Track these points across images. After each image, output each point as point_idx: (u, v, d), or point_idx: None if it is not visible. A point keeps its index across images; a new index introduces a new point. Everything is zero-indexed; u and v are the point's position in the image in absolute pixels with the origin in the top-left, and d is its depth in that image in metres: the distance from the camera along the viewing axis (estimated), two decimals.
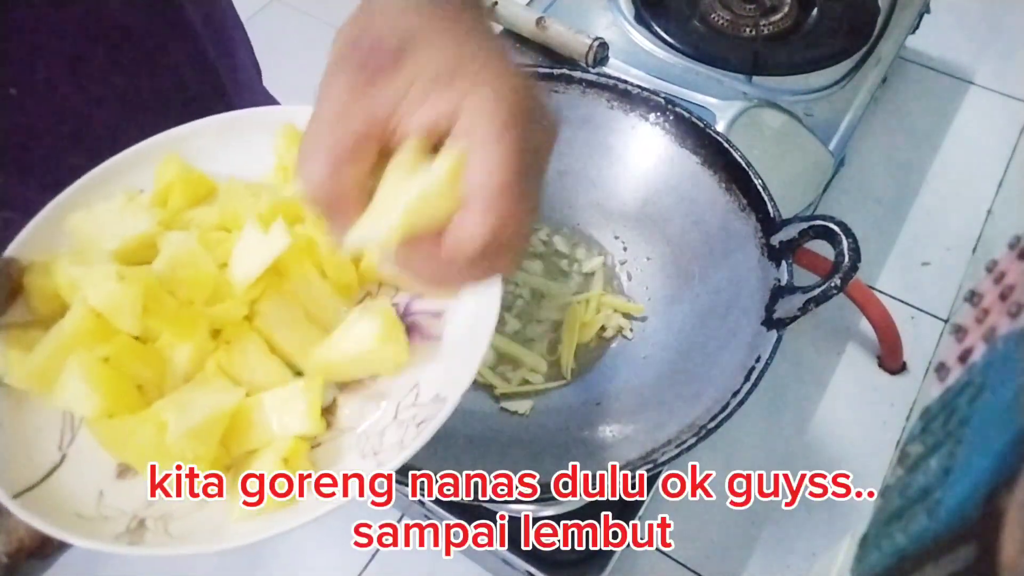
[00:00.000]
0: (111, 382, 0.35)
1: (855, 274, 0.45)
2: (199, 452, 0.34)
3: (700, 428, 0.43)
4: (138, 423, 0.34)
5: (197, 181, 0.42)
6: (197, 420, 0.34)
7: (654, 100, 0.56)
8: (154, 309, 0.36)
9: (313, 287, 0.39)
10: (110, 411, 0.34)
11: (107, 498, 0.35)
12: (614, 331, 0.56)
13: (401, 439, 0.35)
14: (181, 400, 0.35)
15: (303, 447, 0.36)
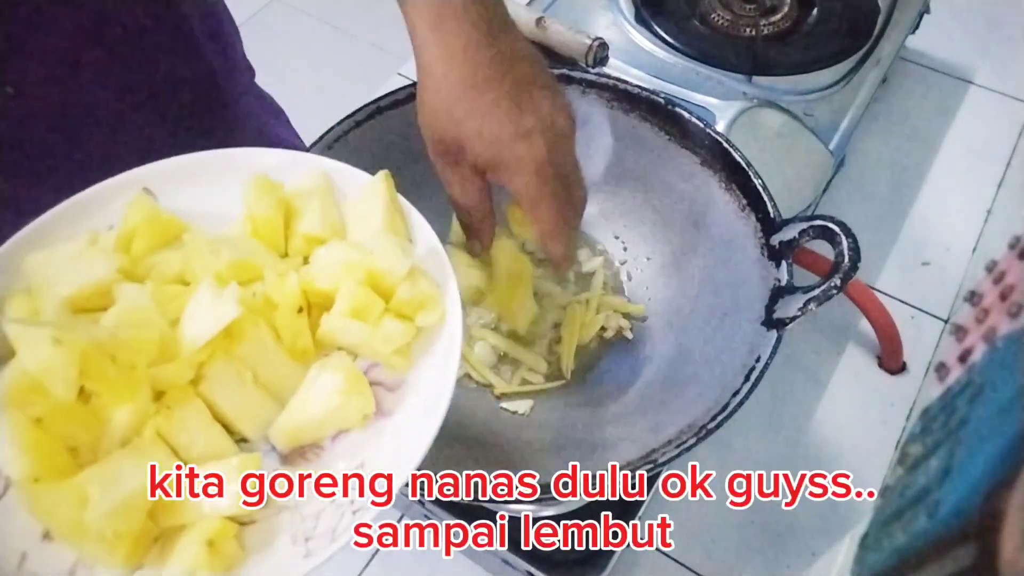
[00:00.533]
0: (40, 445, 0.33)
1: (855, 274, 0.45)
2: (121, 530, 0.32)
3: (700, 428, 0.43)
4: (61, 495, 0.33)
5: (166, 224, 0.41)
6: (122, 495, 0.32)
7: (654, 100, 0.56)
8: (92, 372, 0.34)
9: (267, 351, 0.38)
10: (37, 475, 0.33)
11: (29, 561, 0.33)
12: (614, 331, 0.56)
13: (335, 528, 0.34)
14: (109, 470, 0.33)
15: (230, 529, 0.34)
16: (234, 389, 0.37)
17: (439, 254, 0.40)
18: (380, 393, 0.38)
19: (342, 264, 0.39)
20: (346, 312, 0.37)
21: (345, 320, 0.37)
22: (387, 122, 0.56)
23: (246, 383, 0.37)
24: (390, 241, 0.39)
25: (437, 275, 0.39)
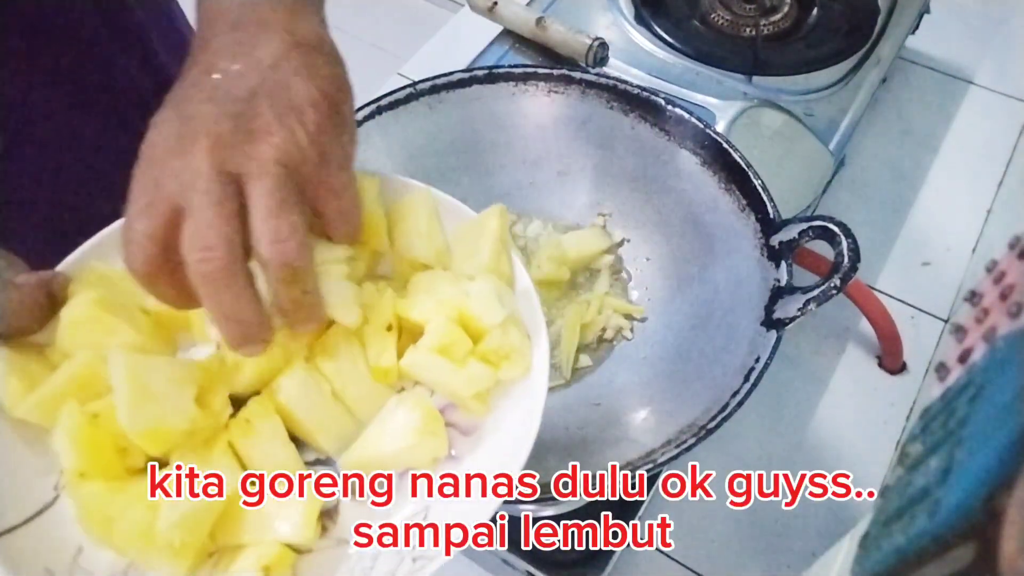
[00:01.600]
0: (92, 441, 0.33)
1: (855, 274, 0.45)
2: (187, 541, 0.32)
3: (700, 428, 0.43)
4: (128, 502, 0.32)
5: None
6: (194, 505, 0.32)
7: (654, 100, 0.56)
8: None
9: (353, 368, 0.37)
10: (83, 470, 0.33)
11: (84, 556, 0.33)
12: (614, 332, 0.56)
13: (393, 572, 0.33)
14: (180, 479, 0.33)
15: (287, 557, 0.34)
16: (314, 402, 0.36)
17: (532, 299, 0.39)
18: (453, 435, 0.37)
19: (437, 298, 0.38)
20: (433, 347, 0.36)
21: (431, 355, 0.36)
22: (387, 122, 0.56)
23: (326, 396, 0.36)
24: (489, 286, 0.37)
25: (529, 322, 0.38)
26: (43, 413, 0.34)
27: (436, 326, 0.37)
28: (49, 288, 0.36)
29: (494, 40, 0.75)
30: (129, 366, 0.32)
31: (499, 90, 0.58)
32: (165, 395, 0.33)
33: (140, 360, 0.33)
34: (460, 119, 0.58)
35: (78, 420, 0.33)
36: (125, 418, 0.32)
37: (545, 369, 0.37)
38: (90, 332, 0.35)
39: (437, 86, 0.57)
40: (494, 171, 0.60)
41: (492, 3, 0.74)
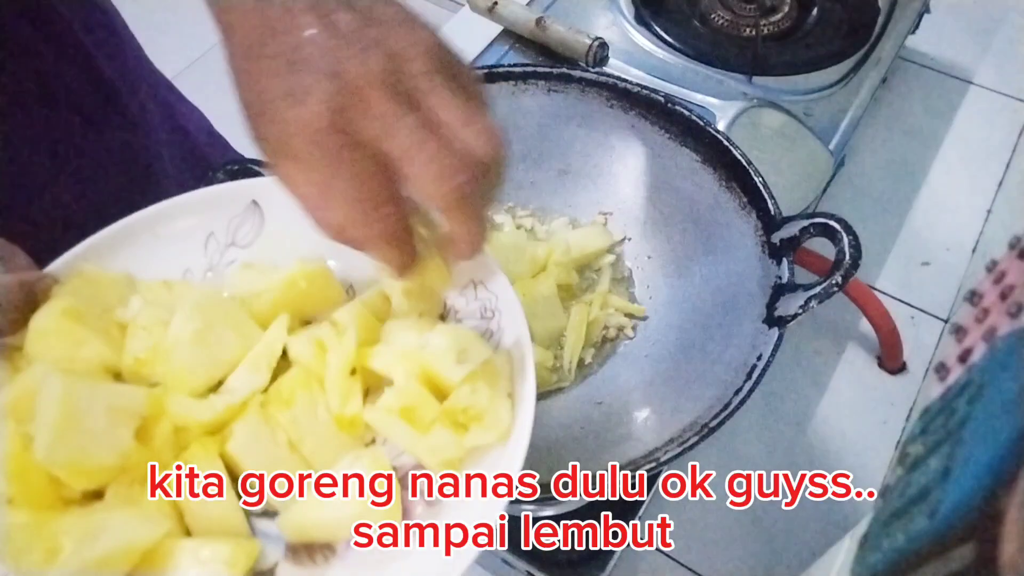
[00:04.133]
0: (22, 466, 0.30)
1: (856, 272, 0.45)
2: None
3: (702, 427, 0.43)
4: (30, 538, 0.30)
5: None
6: (99, 554, 0.29)
7: (654, 99, 0.56)
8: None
9: (316, 418, 0.34)
10: (11, 496, 0.30)
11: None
12: (616, 331, 0.56)
13: None
14: (91, 521, 0.30)
15: None
16: (265, 452, 0.33)
17: (524, 349, 0.35)
18: (414, 504, 0.34)
19: (399, 349, 0.35)
20: (393, 409, 0.33)
21: (391, 417, 0.33)
22: None
23: (279, 446, 0.34)
24: (450, 337, 0.34)
25: (516, 376, 0.34)
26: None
27: (398, 384, 0.34)
28: (30, 289, 0.35)
29: (494, 40, 0.75)
30: (64, 392, 0.30)
31: (499, 89, 0.58)
32: (98, 426, 0.31)
33: (79, 386, 0.31)
34: None
35: (12, 443, 0.30)
36: (42, 448, 0.29)
37: (526, 434, 0.32)
38: (57, 343, 0.34)
39: None
40: None
41: (492, 3, 0.74)
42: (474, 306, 0.38)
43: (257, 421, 0.34)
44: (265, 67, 0.31)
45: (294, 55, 0.30)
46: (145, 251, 0.40)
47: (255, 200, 0.41)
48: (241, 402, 0.34)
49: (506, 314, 0.37)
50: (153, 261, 0.39)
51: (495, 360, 0.34)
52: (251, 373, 0.35)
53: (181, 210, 0.40)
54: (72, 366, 0.34)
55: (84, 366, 0.34)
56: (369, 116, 0.30)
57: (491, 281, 0.38)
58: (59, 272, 0.37)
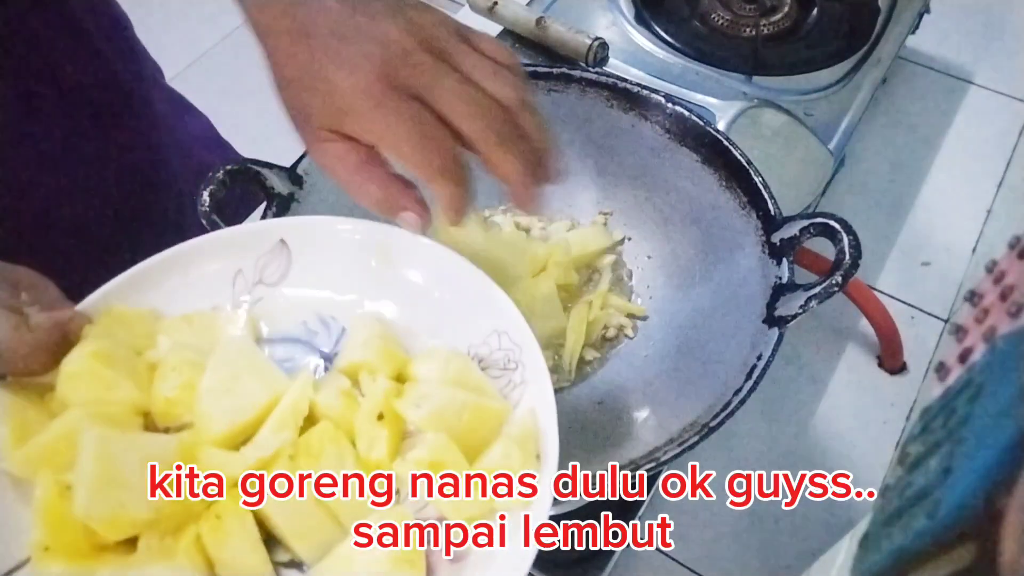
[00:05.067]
0: (59, 515, 0.31)
1: (856, 271, 0.45)
2: None
3: (702, 426, 0.43)
4: None
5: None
6: None
7: (654, 98, 0.56)
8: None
9: (342, 469, 0.34)
10: (48, 544, 0.31)
11: None
12: (616, 330, 0.56)
13: None
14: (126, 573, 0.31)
15: None
16: (293, 504, 0.34)
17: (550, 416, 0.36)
18: (438, 562, 0.34)
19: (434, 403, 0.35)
20: (422, 463, 0.34)
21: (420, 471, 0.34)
22: None
23: (307, 500, 0.34)
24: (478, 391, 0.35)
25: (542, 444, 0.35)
26: (30, 469, 0.33)
27: (430, 440, 0.34)
28: (65, 329, 0.36)
29: None
30: (100, 445, 0.31)
31: None
32: (134, 478, 0.31)
33: (115, 438, 0.32)
34: None
35: (49, 491, 0.31)
36: (83, 503, 0.30)
37: (549, 497, 0.33)
38: (88, 386, 0.34)
39: None
40: None
41: (492, 3, 0.74)
42: (497, 356, 0.39)
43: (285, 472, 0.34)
44: (314, 45, 0.36)
45: (338, 30, 0.36)
46: (173, 289, 0.40)
47: (283, 239, 0.41)
48: (272, 455, 0.34)
49: (530, 367, 0.37)
50: (181, 299, 0.40)
51: (526, 421, 0.36)
52: (279, 429, 0.35)
53: (210, 248, 0.41)
54: (103, 409, 0.34)
55: (115, 409, 0.35)
56: (417, 72, 0.35)
57: (515, 332, 0.38)
58: (89, 309, 0.37)
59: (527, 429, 0.36)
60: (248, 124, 0.87)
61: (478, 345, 0.39)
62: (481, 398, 0.36)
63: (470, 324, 0.40)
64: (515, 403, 0.37)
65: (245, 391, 0.36)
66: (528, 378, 0.38)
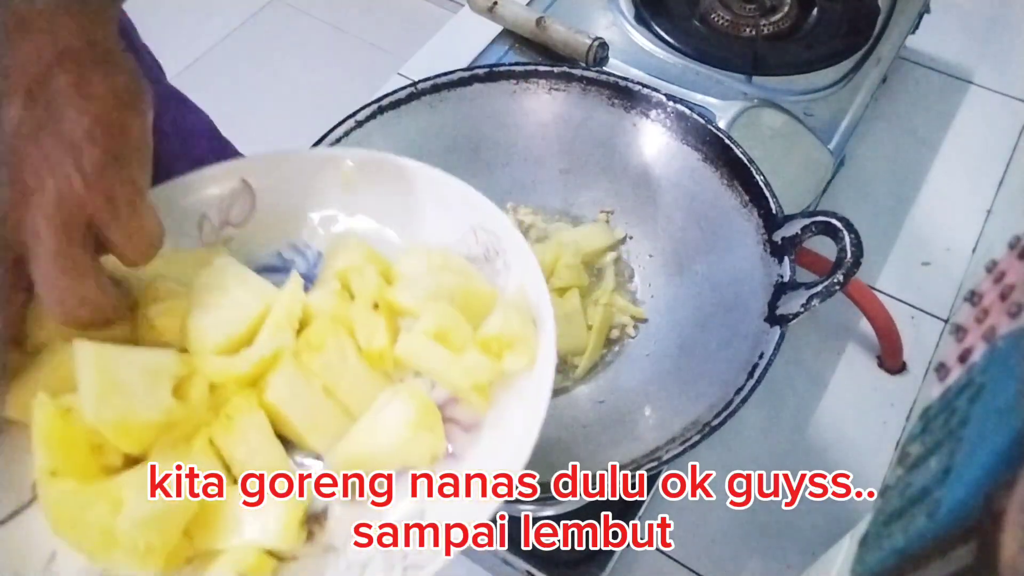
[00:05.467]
0: (63, 437, 0.31)
1: (857, 270, 0.45)
2: (154, 543, 0.30)
3: (704, 425, 0.43)
4: (90, 496, 0.30)
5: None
6: (161, 504, 0.30)
7: (655, 97, 0.56)
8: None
9: (347, 362, 0.35)
10: (55, 468, 0.31)
11: (57, 562, 0.31)
12: (618, 330, 0.56)
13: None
14: (146, 475, 0.31)
15: (267, 565, 0.32)
16: (303, 399, 0.34)
17: (539, 283, 0.36)
18: (453, 431, 0.35)
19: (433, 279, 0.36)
20: (428, 332, 0.34)
21: (426, 341, 0.34)
22: (388, 121, 0.56)
23: (315, 392, 0.34)
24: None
25: (536, 309, 0.35)
26: (20, 408, 0.33)
27: (432, 308, 0.35)
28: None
29: (494, 40, 0.75)
30: (97, 356, 0.31)
31: (500, 88, 0.58)
32: (137, 386, 0.31)
33: (109, 350, 0.32)
34: (461, 118, 0.58)
35: (50, 414, 0.31)
36: (91, 410, 0.30)
37: (551, 360, 0.33)
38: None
39: (438, 85, 0.57)
40: (496, 169, 0.60)
41: (492, 3, 0.74)
42: (477, 251, 0.39)
43: (292, 369, 0.34)
44: None
45: None
46: None
47: (244, 179, 0.41)
48: (273, 353, 0.34)
49: (511, 251, 0.37)
50: None
51: (517, 297, 0.36)
52: (277, 331, 0.35)
53: (171, 193, 0.41)
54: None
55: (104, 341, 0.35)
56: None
57: (491, 222, 0.38)
58: None
59: (520, 300, 0.36)
60: (249, 123, 0.87)
61: (456, 244, 0.39)
62: (469, 279, 0.36)
63: (444, 226, 0.39)
64: (502, 288, 0.37)
65: (236, 303, 0.36)
66: (511, 262, 0.37)
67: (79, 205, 0.29)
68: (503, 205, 0.61)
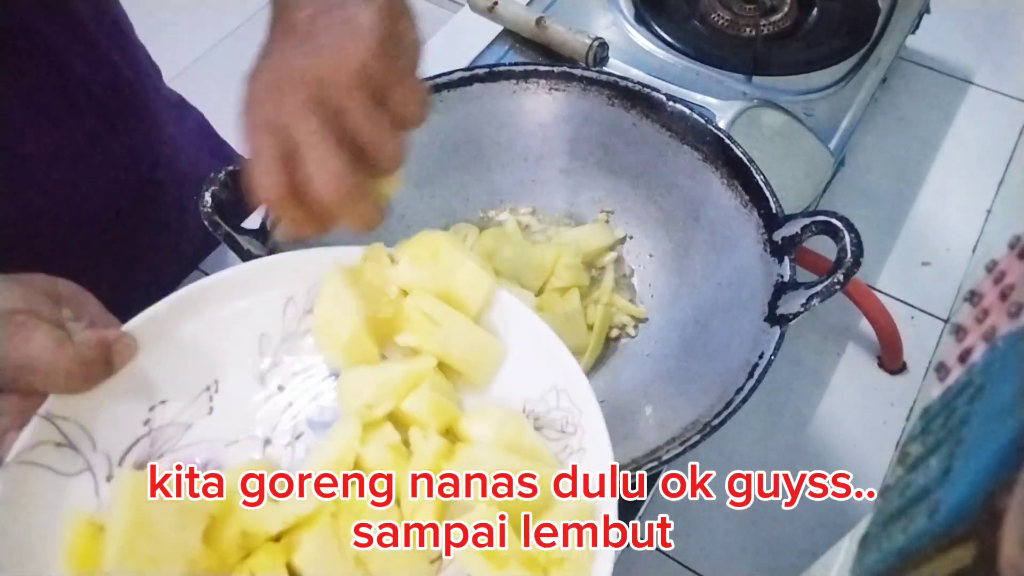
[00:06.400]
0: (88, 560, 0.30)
1: (858, 269, 0.45)
2: None
3: (704, 425, 0.43)
4: None
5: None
6: None
7: (655, 97, 0.56)
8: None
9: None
10: None
11: None
12: (618, 329, 0.56)
13: None
14: None
15: None
16: (331, 565, 0.32)
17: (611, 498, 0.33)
18: None
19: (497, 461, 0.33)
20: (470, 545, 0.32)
21: (468, 552, 0.32)
22: None
23: (346, 560, 0.32)
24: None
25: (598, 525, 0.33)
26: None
27: (479, 513, 0.32)
28: (108, 351, 0.35)
29: (494, 40, 0.75)
30: (135, 491, 0.30)
31: (500, 88, 0.58)
32: (169, 526, 0.30)
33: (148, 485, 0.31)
34: (461, 117, 0.58)
35: (81, 532, 0.30)
36: (112, 560, 0.29)
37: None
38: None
39: (438, 85, 0.57)
40: (495, 169, 0.60)
41: (492, 3, 0.74)
42: (555, 416, 0.37)
43: (326, 533, 0.33)
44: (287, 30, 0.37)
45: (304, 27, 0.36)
46: (223, 313, 0.39)
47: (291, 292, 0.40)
48: (313, 511, 0.33)
49: (589, 434, 0.35)
50: (232, 324, 0.39)
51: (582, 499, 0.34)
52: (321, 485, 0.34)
53: (263, 272, 0.40)
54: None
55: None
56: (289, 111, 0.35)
57: (576, 393, 0.36)
58: (136, 331, 0.37)
59: (587, 507, 0.33)
60: None
61: (535, 401, 0.37)
62: (535, 464, 0.34)
63: (528, 378, 0.38)
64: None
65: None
66: (587, 445, 0.35)
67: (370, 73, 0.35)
68: (503, 204, 0.60)
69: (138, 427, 0.36)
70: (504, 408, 0.37)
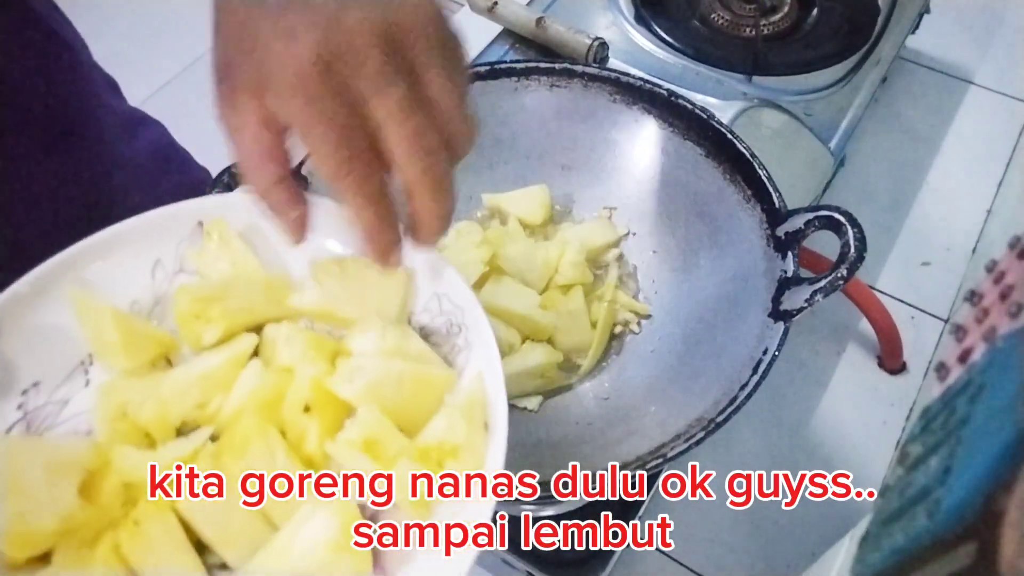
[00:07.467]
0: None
1: (861, 264, 0.45)
2: None
3: (708, 422, 0.43)
4: None
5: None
6: None
7: (657, 93, 0.56)
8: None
9: (272, 464, 0.32)
10: None
11: None
12: (621, 326, 0.56)
13: None
14: None
15: None
16: (218, 506, 0.31)
17: (497, 381, 0.32)
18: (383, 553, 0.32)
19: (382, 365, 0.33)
20: (355, 442, 0.31)
21: (352, 452, 0.31)
22: None
23: (231, 500, 0.31)
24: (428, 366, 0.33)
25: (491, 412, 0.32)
26: None
27: (361, 416, 0.32)
28: None
29: (494, 40, 0.75)
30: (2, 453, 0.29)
31: (501, 85, 0.58)
32: (38, 484, 0.29)
33: (17, 444, 0.30)
34: None
35: None
36: None
37: (499, 469, 0.30)
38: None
39: None
40: (498, 166, 0.60)
41: (492, 3, 0.74)
42: (439, 321, 0.37)
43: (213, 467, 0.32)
44: (264, 10, 0.30)
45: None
46: (93, 281, 0.38)
47: (201, 221, 0.39)
48: (191, 453, 0.32)
49: (473, 329, 0.35)
50: (100, 292, 0.38)
51: (472, 389, 0.33)
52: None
53: (126, 237, 0.38)
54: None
55: None
56: (360, 72, 0.29)
57: (456, 293, 0.36)
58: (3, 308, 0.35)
59: (474, 396, 0.32)
60: None
61: (418, 312, 0.37)
62: (421, 366, 0.34)
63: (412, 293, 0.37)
64: (460, 369, 0.35)
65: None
66: (472, 340, 0.35)
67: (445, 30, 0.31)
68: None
69: (12, 413, 0.34)
70: (384, 321, 0.36)
